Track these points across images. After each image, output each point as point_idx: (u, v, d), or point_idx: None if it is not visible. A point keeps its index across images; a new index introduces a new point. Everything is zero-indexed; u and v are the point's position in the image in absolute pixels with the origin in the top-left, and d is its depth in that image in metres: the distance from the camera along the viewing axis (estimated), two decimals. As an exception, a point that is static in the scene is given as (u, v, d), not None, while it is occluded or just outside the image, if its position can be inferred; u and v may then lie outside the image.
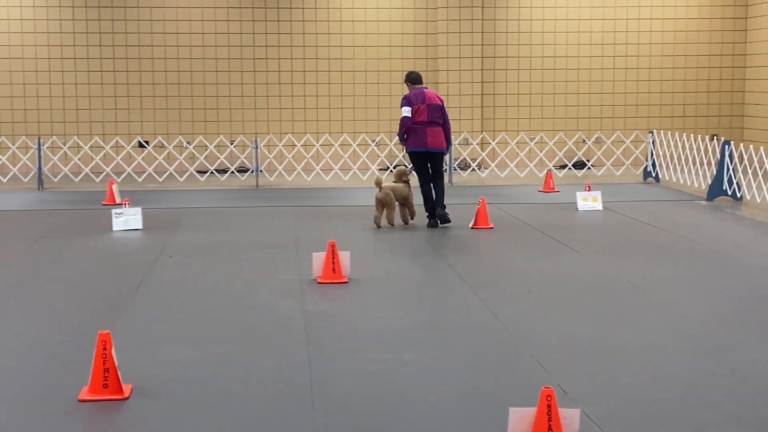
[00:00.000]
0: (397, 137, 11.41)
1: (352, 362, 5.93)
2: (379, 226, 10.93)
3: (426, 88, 11.13)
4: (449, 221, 11.03)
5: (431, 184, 11.02)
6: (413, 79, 11.15)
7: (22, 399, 5.30)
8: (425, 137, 10.88)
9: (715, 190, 13.20)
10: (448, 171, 15.41)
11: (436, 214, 11.01)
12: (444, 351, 6.20)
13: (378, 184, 10.87)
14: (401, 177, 11.03)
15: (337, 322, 6.91)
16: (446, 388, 5.45)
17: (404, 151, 11.58)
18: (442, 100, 11.10)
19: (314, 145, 17.05)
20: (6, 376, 5.68)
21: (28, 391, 5.43)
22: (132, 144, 16.84)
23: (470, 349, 6.28)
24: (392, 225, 10.99)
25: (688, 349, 6.20)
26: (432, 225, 11.00)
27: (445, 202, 11.09)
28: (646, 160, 15.95)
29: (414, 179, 11.18)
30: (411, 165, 11.15)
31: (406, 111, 10.86)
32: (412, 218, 11.20)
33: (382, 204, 10.93)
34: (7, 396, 5.34)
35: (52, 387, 5.46)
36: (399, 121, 11.06)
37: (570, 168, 17.01)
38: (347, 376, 5.67)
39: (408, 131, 10.94)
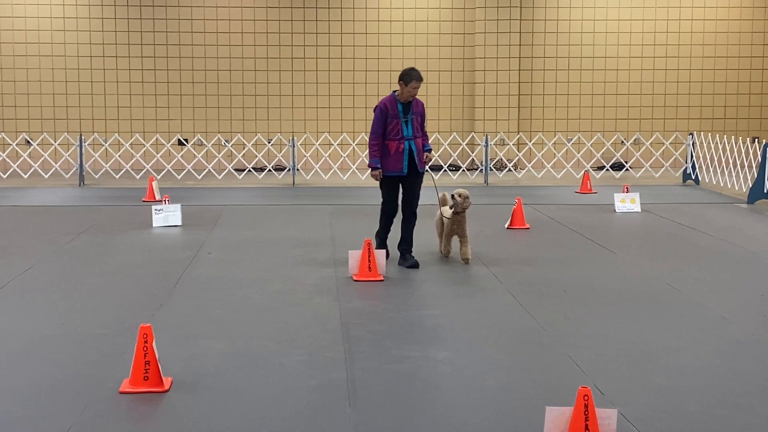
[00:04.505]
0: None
1: (387, 359, 5.96)
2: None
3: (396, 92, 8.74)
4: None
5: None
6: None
7: (64, 390, 5.39)
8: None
9: (756, 192, 13.05)
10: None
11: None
12: (479, 350, 6.21)
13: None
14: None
15: (372, 320, 6.94)
16: (481, 387, 5.47)
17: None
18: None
19: (350, 144, 17.09)
20: (49, 368, 5.78)
21: (70, 382, 5.52)
22: (171, 142, 17.02)
23: (505, 348, 6.28)
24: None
25: (726, 352, 6.16)
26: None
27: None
28: (686, 162, 15.81)
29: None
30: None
31: None
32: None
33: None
34: (50, 387, 5.44)
35: (94, 378, 5.55)
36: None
37: (608, 169, 16.89)
38: (383, 373, 5.70)
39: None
